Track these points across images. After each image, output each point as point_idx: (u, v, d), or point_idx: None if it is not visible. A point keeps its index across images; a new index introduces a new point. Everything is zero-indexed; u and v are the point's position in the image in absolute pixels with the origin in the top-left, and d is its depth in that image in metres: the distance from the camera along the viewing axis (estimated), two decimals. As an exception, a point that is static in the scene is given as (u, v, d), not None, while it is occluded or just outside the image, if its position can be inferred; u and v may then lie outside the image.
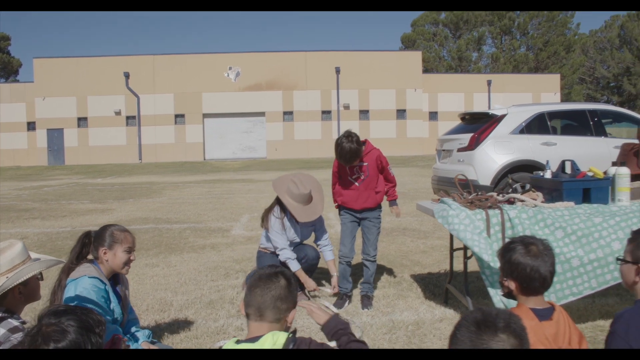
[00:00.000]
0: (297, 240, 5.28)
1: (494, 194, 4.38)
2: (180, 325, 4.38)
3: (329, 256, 5.29)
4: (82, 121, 37.49)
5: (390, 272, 6.12)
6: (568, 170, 4.36)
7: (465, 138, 9.14)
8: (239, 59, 37.85)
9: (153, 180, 22.49)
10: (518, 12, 57.71)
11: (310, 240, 5.46)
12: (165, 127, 37.71)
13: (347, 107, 38.28)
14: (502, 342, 1.52)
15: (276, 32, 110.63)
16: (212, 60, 37.63)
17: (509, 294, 2.42)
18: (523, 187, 4.56)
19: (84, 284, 3.03)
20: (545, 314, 2.30)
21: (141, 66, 37.28)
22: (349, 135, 4.63)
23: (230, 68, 37.58)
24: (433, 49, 58.84)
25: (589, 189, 4.12)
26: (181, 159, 37.14)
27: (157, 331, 4.22)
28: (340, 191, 4.97)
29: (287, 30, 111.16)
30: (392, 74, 38.52)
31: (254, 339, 2.08)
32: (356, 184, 4.86)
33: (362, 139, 4.74)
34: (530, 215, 3.84)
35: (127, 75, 37.06)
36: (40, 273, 2.65)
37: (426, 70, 51.84)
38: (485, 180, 8.62)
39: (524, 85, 41.80)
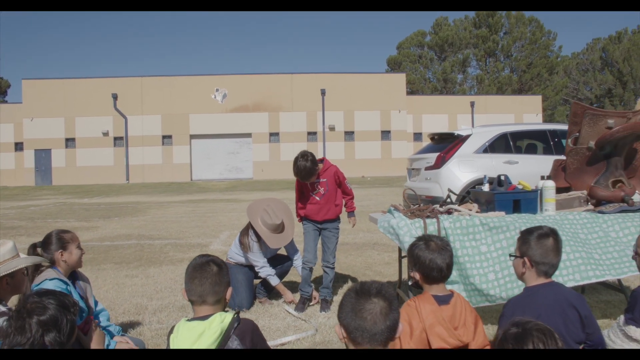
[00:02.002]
0: (274, 253, 5.85)
1: (437, 205, 4.88)
2: (152, 325, 4.82)
3: (297, 263, 5.85)
4: (70, 142, 37.83)
5: (353, 280, 6.58)
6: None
7: (432, 157, 9.67)
8: (225, 80, 38.45)
9: (139, 200, 22.85)
10: (502, 34, 58.94)
11: (281, 250, 6.00)
12: (152, 148, 38.12)
13: (332, 129, 38.89)
14: (374, 304, 2.00)
15: (262, 54, 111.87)
16: (199, 82, 38.21)
17: (416, 284, 2.90)
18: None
19: (47, 287, 3.47)
20: (444, 299, 2.78)
21: (129, 88, 37.76)
22: (305, 154, 5.14)
23: (217, 90, 38.16)
24: (419, 71, 59.80)
25: (519, 200, 4.62)
26: (168, 179, 37.48)
27: (131, 329, 4.66)
28: (303, 205, 5.46)
29: (273, 53, 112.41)
30: (377, 96, 39.22)
31: (204, 317, 2.53)
32: (317, 198, 5.35)
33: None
34: (463, 226, 4.32)
35: (115, 97, 37.51)
36: (26, 269, 3.10)
37: (412, 92, 52.68)
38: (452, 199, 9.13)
39: (507, 107, 42.65)
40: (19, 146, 38.46)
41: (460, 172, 9.25)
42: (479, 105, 42.25)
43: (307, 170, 5.12)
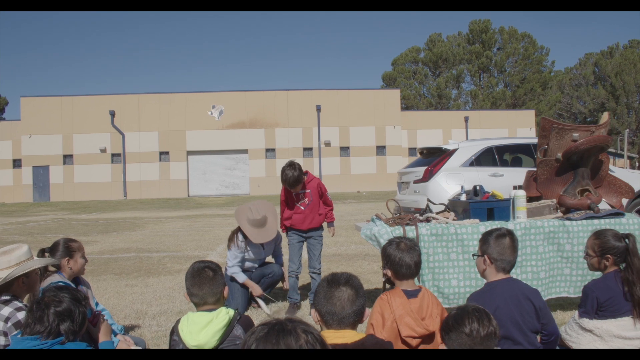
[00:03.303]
0: (262, 258, 6.18)
1: (417, 214, 5.23)
2: (152, 328, 5.16)
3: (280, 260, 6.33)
4: (67, 158, 38.16)
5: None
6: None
7: (421, 171, 10.03)
8: (222, 97, 38.91)
9: (137, 216, 23.15)
10: (495, 50, 59.70)
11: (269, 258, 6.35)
12: (149, 164, 38.46)
13: (328, 144, 39.30)
14: (342, 292, 2.36)
15: (258, 71, 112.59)
16: (196, 99, 38.66)
17: (388, 280, 3.25)
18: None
19: None
20: (413, 293, 3.13)
21: (126, 105, 38.19)
22: (292, 164, 5.56)
23: (213, 106, 38.59)
24: (413, 87, 60.41)
25: (492, 209, 4.98)
26: (165, 195, 37.78)
27: (132, 331, 4.99)
28: (289, 215, 5.85)
29: (268, 70, 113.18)
30: (372, 112, 39.72)
31: (210, 310, 2.93)
32: (302, 208, 5.75)
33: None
34: (438, 233, 4.69)
35: (112, 114, 37.91)
36: (39, 269, 3.45)
37: (407, 107, 53.29)
38: (438, 209, 9.49)
39: (501, 121, 43.18)
40: (17, 163, 38.77)
41: (447, 184, 9.59)
42: (473, 120, 42.77)
43: (295, 178, 5.53)
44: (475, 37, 59.76)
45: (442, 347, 2.31)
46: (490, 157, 10.11)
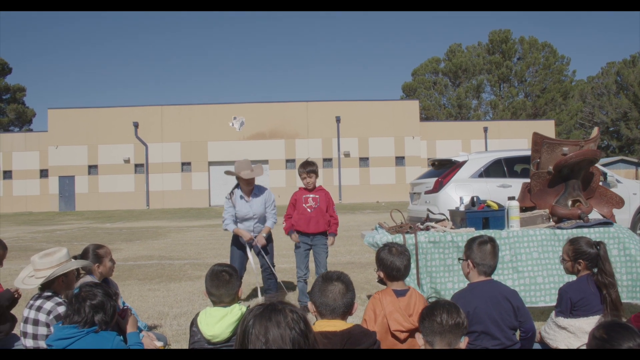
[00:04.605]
0: (251, 214, 6.59)
1: (419, 223, 5.63)
2: (173, 327, 5.61)
3: (268, 223, 6.70)
4: (92, 169, 39.03)
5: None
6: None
7: (431, 182, 10.40)
8: (243, 109, 39.54)
9: (159, 225, 23.73)
10: (515, 60, 59.72)
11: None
12: (172, 175, 39.18)
13: (347, 155, 39.70)
14: (334, 286, 2.78)
15: (278, 82, 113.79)
16: (217, 111, 39.34)
17: (381, 281, 3.65)
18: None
19: None
20: (402, 293, 3.53)
21: (150, 116, 38.99)
22: (308, 159, 6.31)
23: (234, 118, 39.23)
24: (433, 97, 60.62)
25: (487, 218, 5.36)
26: (187, 205, 38.39)
27: (154, 330, 5.43)
28: (296, 217, 6.35)
29: (289, 81, 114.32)
30: (391, 123, 40.03)
31: (225, 305, 3.39)
32: (308, 210, 6.24)
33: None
34: (436, 241, 5.08)
35: (136, 125, 38.72)
36: (76, 270, 3.93)
37: (427, 118, 53.53)
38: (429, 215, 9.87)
39: (520, 132, 43.12)
40: (43, 173, 39.78)
41: (457, 195, 9.92)
42: (492, 131, 42.86)
43: (312, 167, 6.25)
44: (495, 47, 59.87)
45: (419, 335, 2.70)
46: (499, 168, 10.42)
